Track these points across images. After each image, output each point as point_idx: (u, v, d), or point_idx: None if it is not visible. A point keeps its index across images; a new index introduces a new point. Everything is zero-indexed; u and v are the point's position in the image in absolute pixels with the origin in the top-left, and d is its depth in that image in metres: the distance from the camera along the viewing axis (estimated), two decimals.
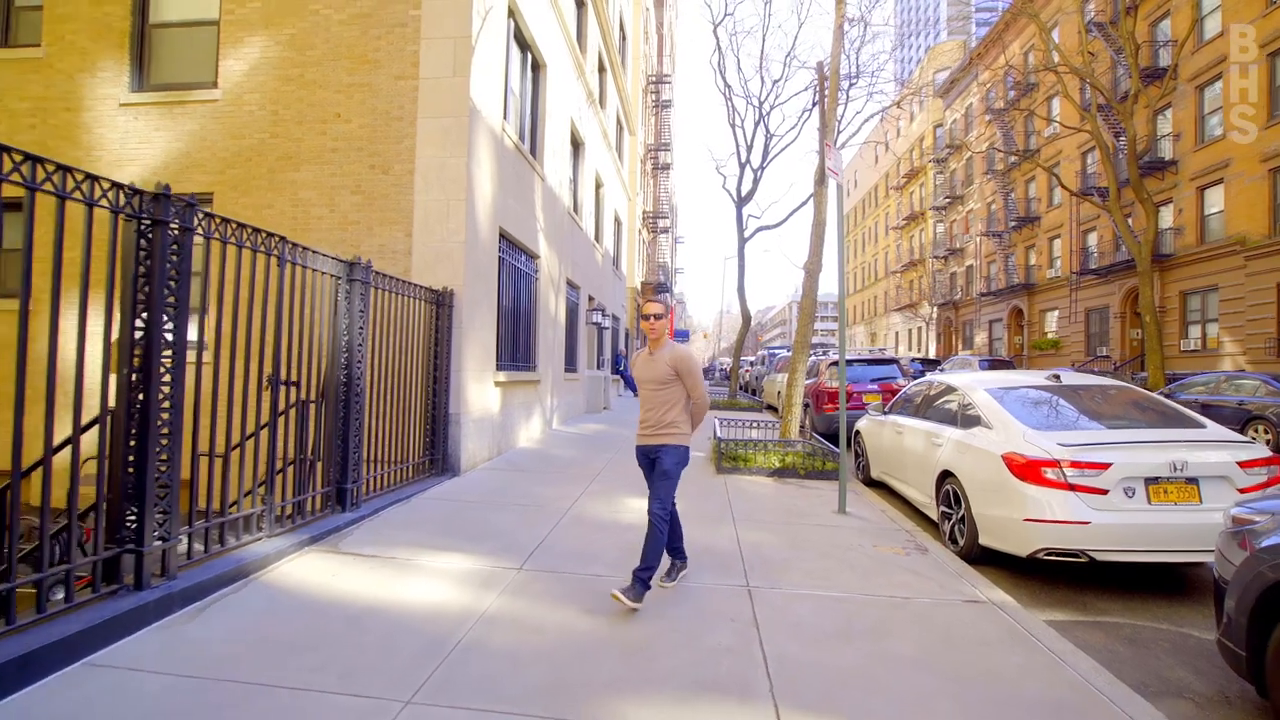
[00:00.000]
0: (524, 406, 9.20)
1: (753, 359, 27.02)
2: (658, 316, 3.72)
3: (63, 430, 3.41)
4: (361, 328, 4.94)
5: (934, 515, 5.20)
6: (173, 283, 3.25)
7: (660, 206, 30.53)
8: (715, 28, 15.34)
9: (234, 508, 3.92)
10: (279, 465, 4.29)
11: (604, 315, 15.09)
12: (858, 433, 7.62)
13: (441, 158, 6.90)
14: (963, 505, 4.59)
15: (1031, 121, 28.44)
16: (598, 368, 16.05)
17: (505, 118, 8.23)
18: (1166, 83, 19.91)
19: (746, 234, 17.66)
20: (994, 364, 20.40)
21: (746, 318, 17.96)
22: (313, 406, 4.68)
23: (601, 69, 15.96)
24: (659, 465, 3.60)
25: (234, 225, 3.67)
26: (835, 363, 11.03)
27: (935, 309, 40.63)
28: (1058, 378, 5.10)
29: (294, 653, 2.82)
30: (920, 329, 43.40)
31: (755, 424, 9.78)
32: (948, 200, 39.39)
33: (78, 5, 7.77)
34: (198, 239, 3.47)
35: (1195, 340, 20.09)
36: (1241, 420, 10.30)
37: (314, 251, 4.43)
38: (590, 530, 4.92)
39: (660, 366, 3.62)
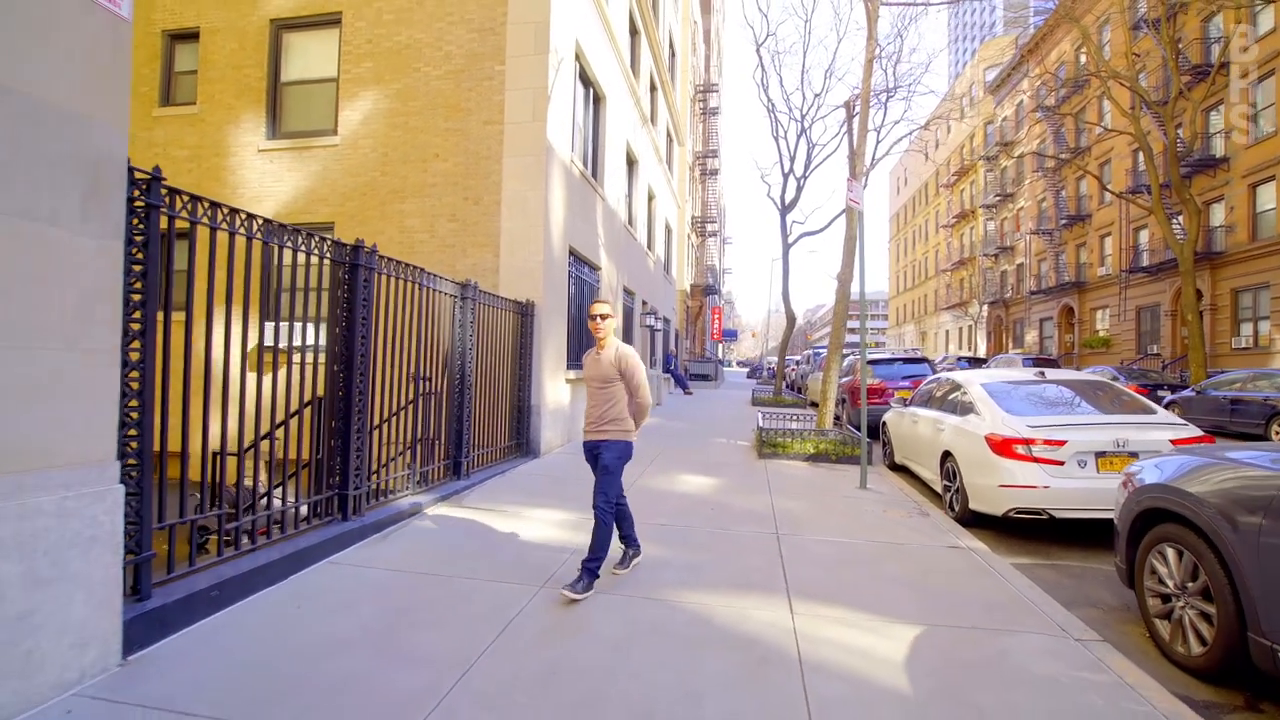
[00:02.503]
0: None
1: (799, 358, 27.82)
2: (604, 317, 3.82)
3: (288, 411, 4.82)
4: (470, 335, 6.29)
5: (939, 489, 6.22)
6: (364, 305, 4.61)
7: (708, 211, 31.58)
8: (758, 47, 16.31)
9: (384, 470, 5.29)
10: (414, 441, 5.67)
11: (656, 318, 16.30)
12: (884, 424, 8.61)
13: (523, 190, 8.24)
14: (958, 478, 5.61)
15: (1082, 118, 28.26)
16: (651, 367, 17.28)
17: (573, 150, 9.53)
18: (1216, 79, 19.82)
19: (790, 239, 18.59)
20: (1038, 362, 20.68)
21: (791, 319, 18.86)
22: (434, 398, 6.05)
23: (653, 88, 17.18)
24: (600, 460, 3.77)
25: (397, 263, 5.04)
26: (869, 362, 11.96)
27: (985, 307, 40.35)
28: (1043, 374, 6.05)
29: (455, 561, 4.12)
30: (970, 327, 43.10)
31: (795, 416, 10.84)
32: (998, 198, 39.09)
33: (225, 69, 9.45)
34: (376, 275, 4.82)
35: (1247, 338, 19.94)
36: (1266, 416, 10.71)
37: (439, 277, 5.80)
38: (653, 496, 6.13)
39: (604, 365, 3.78)
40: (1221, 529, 2.88)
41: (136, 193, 2.86)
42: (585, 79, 10.48)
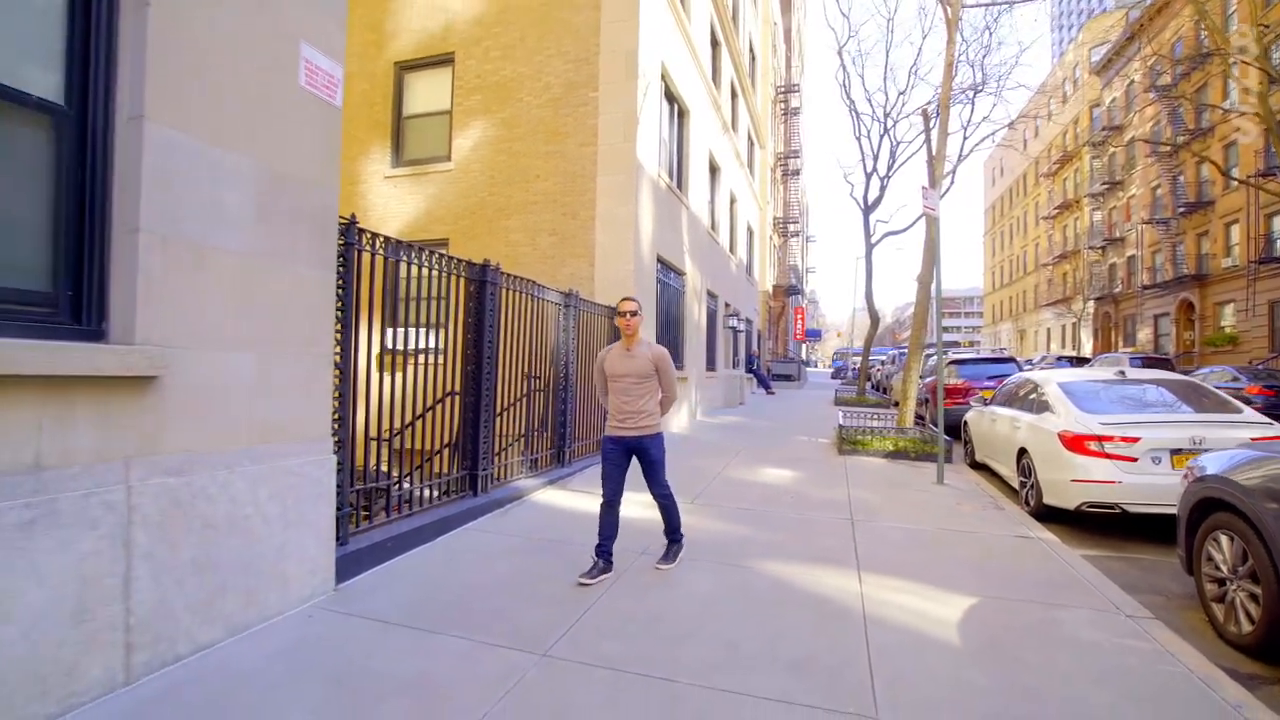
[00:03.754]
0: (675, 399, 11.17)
1: (885, 357, 27.35)
2: (633, 314, 4.02)
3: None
4: (573, 338, 7.09)
5: (1016, 486, 6.43)
6: (490, 314, 5.47)
7: (790, 211, 31.54)
8: (840, 49, 16.42)
9: (503, 455, 6.14)
10: (526, 431, 6.51)
11: (739, 319, 16.76)
12: (965, 423, 8.76)
13: (614, 206, 9.01)
14: (1033, 474, 5.84)
15: (1202, 97, 26.13)
16: (733, 367, 17.75)
17: (659, 164, 10.23)
18: None
19: (874, 239, 18.51)
20: (1149, 362, 19.49)
21: (875, 319, 18.78)
22: (542, 393, 6.88)
23: (734, 95, 17.64)
24: (648, 456, 4.03)
25: (514, 278, 5.88)
26: (953, 362, 11.97)
27: (1091, 303, 37.86)
28: (1123, 374, 6.15)
29: (565, 532, 4.87)
30: (1073, 325, 40.53)
31: (876, 415, 11.08)
32: (1105, 186, 36.61)
33: (358, 108, 10.78)
34: (499, 289, 5.68)
35: None
36: None
37: (547, 288, 6.62)
38: (737, 485, 6.70)
39: (641, 362, 3.99)
40: (1265, 516, 3.16)
41: (341, 235, 3.76)
42: (670, 96, 11.16)
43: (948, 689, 2.65)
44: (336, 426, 3.75)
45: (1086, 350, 37.33)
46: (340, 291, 3.76)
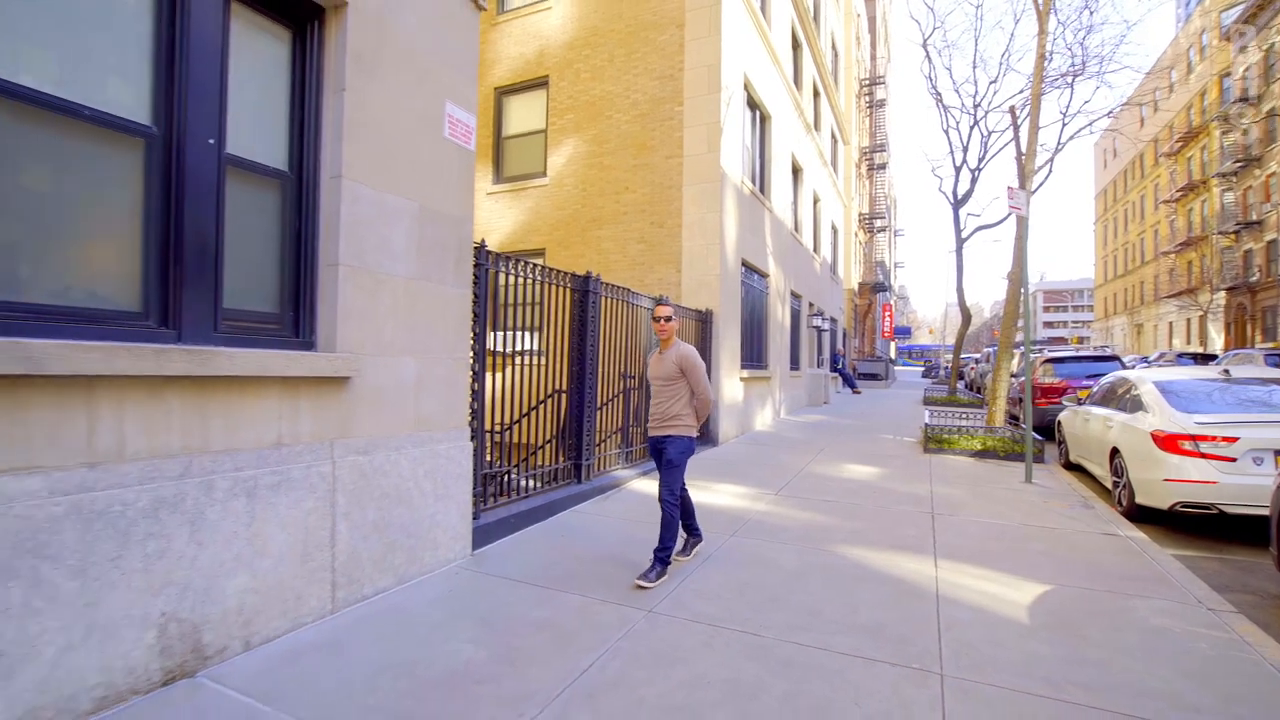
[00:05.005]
0: (759, 398, 11.51)
1: (978, 355, 26.23)
2: (667, 319, 4.08)
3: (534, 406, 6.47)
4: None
5: (1109, 485, 6.38)
6: (592, 320, 6.09)
7: (876, 206, 30.82)
8: (925, 42, 16.07)
9: (601, 447, 6.76)
10: (622, 426, 7.11)
11: (823, 319, 16.79)
12: (1059, 422, 8.60)
13: (701, 214, 9.47)
14: (1125, 474, 5.82)
15: None
16: (818, 366, 17.77)
17: (743, 171, 10.60)
18: None
19: (964, 234, 17.96)
20: None
21: (967, 316, 18.18)
22: (635, 391, 7.46)
23: (816, 94, 17.65)
24: (665, 455, 3.99)
25: (611, 286, 6.48)
26: (1050, 360, 11.61)
27: (1222, 294, 34.54)
28: (1227, 373, 5.98)
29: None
30: (1199, 318, 37.07)
31: (966, 415, 10.94)
32: (1239, 164, 33.29)
33: None
34: (599, 297, 6.30)
35: None
36: None
37: (640, 294, 7.19)
38: (820, 480, 7.02)
39: (668, 365, 4.03)
40: None
41: (474, 257, 4.45)
42: (752, 103, 11.49)
43: (1010, 654, 2.97)
44: (472, 418, 4.46)
45: (1215, 346, 34.13)
46: (474, 304, 4.46)
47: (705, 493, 6.29)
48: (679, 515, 4.00)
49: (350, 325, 3.35)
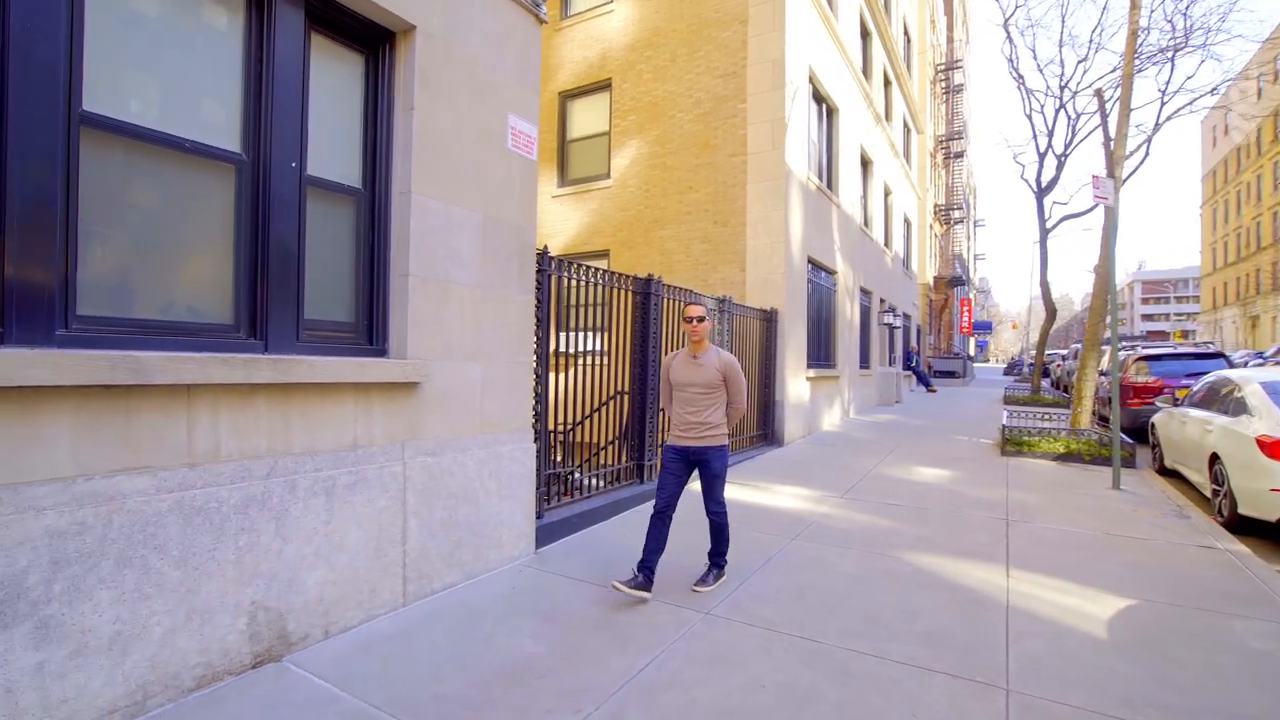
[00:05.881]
0: (826, 397, 11.27)
1: (1065, 352, 24.65)
2: (700, 319, 3.74)
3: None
4: (727, 340, 7.60)
5: (1209, 494, 5.90)
6: (654, 321, 6.15)
7: (953, 196, 29.46)
8: (1005, 22, 15.21)
9: (663, 448, 6.80)
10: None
11: (894, 315, 16.23)
12: (1152, 425, 8.00)
13: (765, 212, 9.36)
14: (1226, 481, 5.37)
15: None
16: (889, 364, 17.21)
17: (809, 166, 10.39)
18: None
19: (1049, 224, 16.91)
20: None
21: (1051, 311, 17.14)
22: None
23: (887, 83, 17.05)
24: (710, 469, 3.77)
25: (672, 288, 6.52)
26: (1145, 357, 10.80)
27: None
28: None
29: None
30: None
31: (1049, 416, 10.35)
32: None
33: None
34: (661, 299, 6.35)
35: None
36: None
37: (703, 295, 7.18)
38: (887, 483, 6.81)
39: (708, 371, 3.72)
40: None
41: (536, 263, 4.59)
42: (818, 97, 11.24)
43: (1084, 671, 2.82)
44: (535, 420, 4.60)
45: None
46: (537, 310, 4.60)
47: (767, 494, 6.23)
48: (728, 523, 3.91)
49: (419, 332, 3.53)
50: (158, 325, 2.65)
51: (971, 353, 43.81)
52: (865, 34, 14.62)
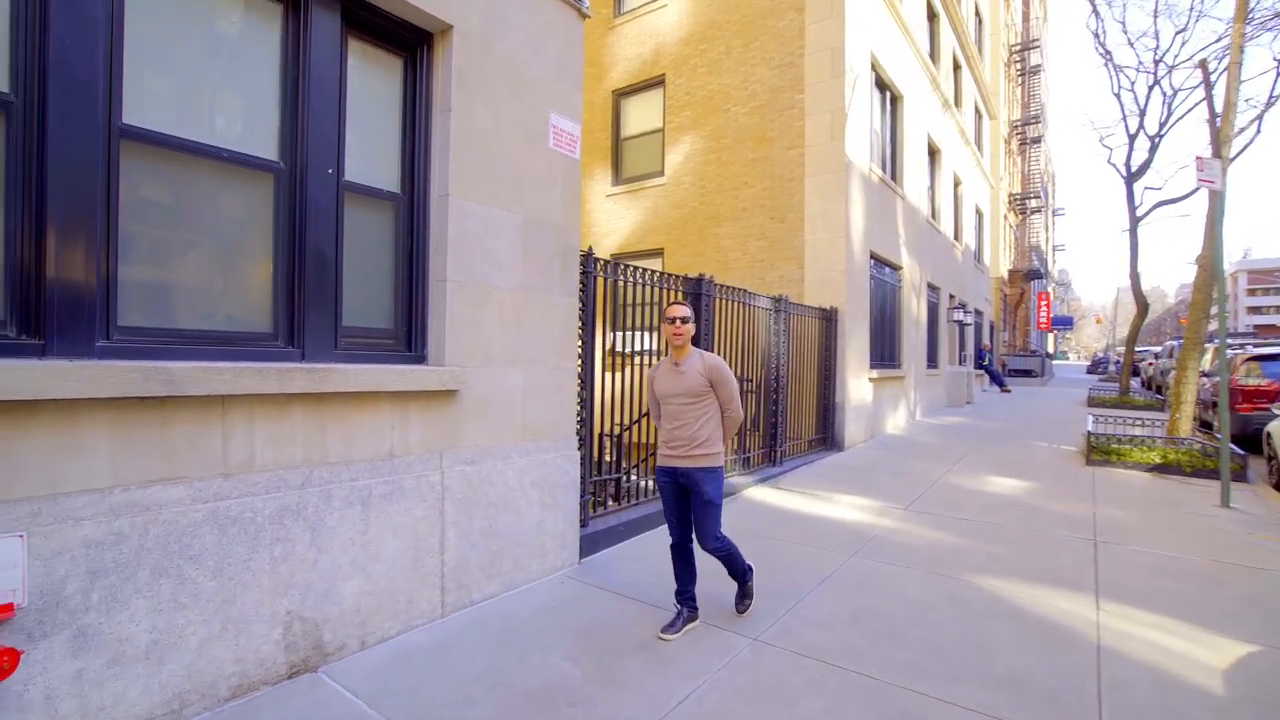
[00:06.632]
0: (891, 399, 10.73)
1: (1158, 349, 22.78)
2: (683, 320, 3.30)
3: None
4: (783, 341, 7.30)
5: None
6: (705, 322, 5.92)
7: (1029, 185, 27.77)
8: None
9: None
10: (739, 431, 6.88)
11: (965, 312, 15.38)
12: (1267, 434, 7.18)
13: (824, 206, 8.96)
14: None
15: None
16: (959, 363, 16.34)
17: (871, 158, 9.90)
18: None
19: (1140, 211, 15.60)
20: None
21: (1143, 305, 15.84)
22: (753, 394, 7.19)
23: (956, 68, 16.16)
24: (701, 494, 3.24)
25: (725, 288, 6.28)
26: (1255, 358, 9.77)
27: None
28: None
29: (776, 528, 5.13)
30: None
31: (1142, 421, 9.51)
32: None
33: (582, 135, 12.03)
34: (713, 298, 6.12)
35: None
36: None
37: (757, 294, 6.91)
38: (956, 493, 6.36)
39: (692, 378, 3.27)
40: None
41: (580, 265, 4.46)
42: (881, 84, 10.70)
43: None
44: (579, 426, 4.47)
45: None
46: (581, 312, 4.47)
47: (824, 503, 5.92)
48: (733, 548, 3.38)
49: (457, 338, 3.45)
50: (197, 334, 2.65)
51: (1050, 350, 41.32)
52: (932, 15, 13.88)
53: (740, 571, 3.48)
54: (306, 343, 2.94)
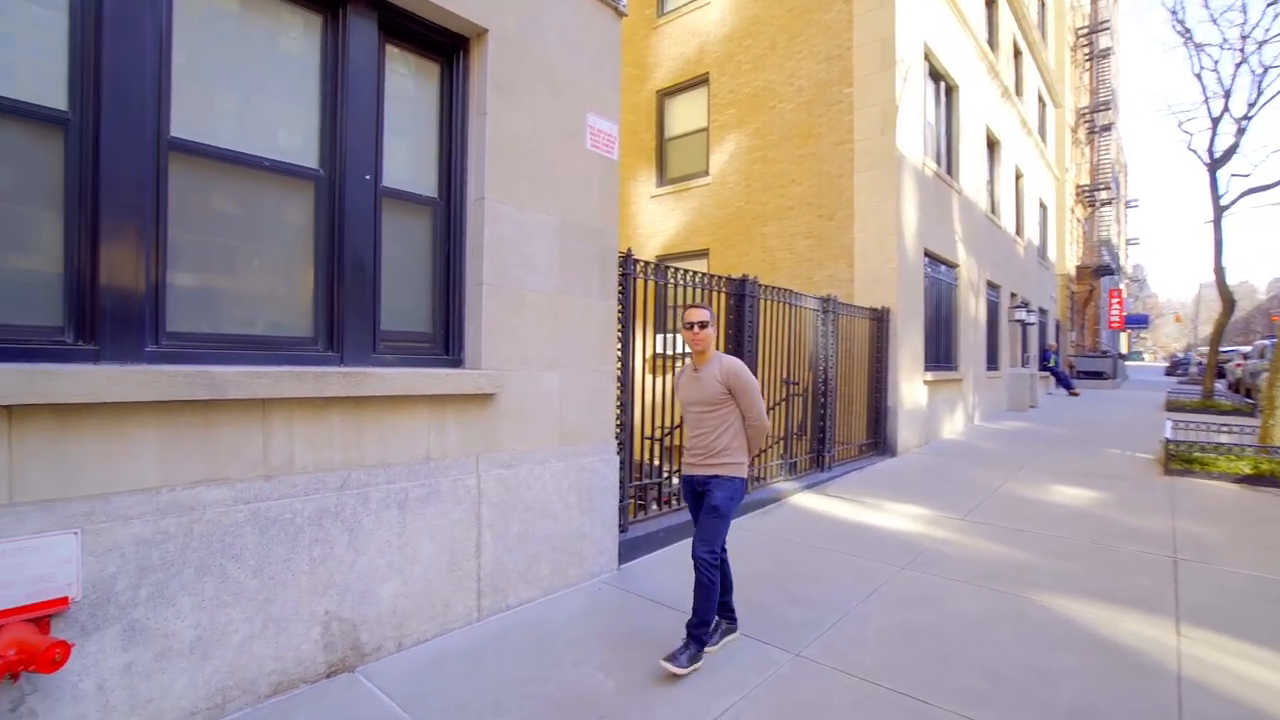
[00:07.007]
0: (947, 402, 10.30)
1: (1247, 349, 21.15)
2: (701, 325, 3.13)
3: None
4: (831, 343, 7.08)
5: None
6: (749, 324, 5.79)
7: (1098, 176, 26.31)
8: None
9: (761, 458, 6.41)
10: (784, 435, 6.70)
11: (1028, 310, 14.65)
12: None
13: (874, 203, 8.67)
14: None
15: None
16: (1022, 365, 15.59)
17: (924, 151, 9.53)
18: None
19: (1225, 200, 14.52)
20: None
21: (1228, 302, 14.72)
22: (799, 398, 6.99)
23: (1016, 54, 15.45)
24: (709, 499, 3.08)
25: (770, 288, 6.13)
26: None
27: None
28: None
29: (823, 537, 4.95)
30: None
31: (1229, 428, 8.82)
32: None
33: (624, 137, 12.01)
34: (756, 300, 5.98)
35: None
36: None
37: (803, 295, 6.73)
38: (1018, 503, 6.01)
39: (709, 385, 3.12)
40: None
41: (619, 266, 4.41)
42: (935, 74, 10.31)
43: None
44: (619, 430, 4.42)
45: None
46: (620, 315, 4.42)
47: (874, 512, 5.69)
48: (718, 580, 2.99)
49: (494, 342, 3.45)
50: (241, 339, 2.72)
51: (1123, 350, 39.04)
52: (990, 1, 13.28)
53: (703, 614, 2.94)
54: (345, 347, 2.98)
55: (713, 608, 2.97)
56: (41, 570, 2.12)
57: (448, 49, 3.43)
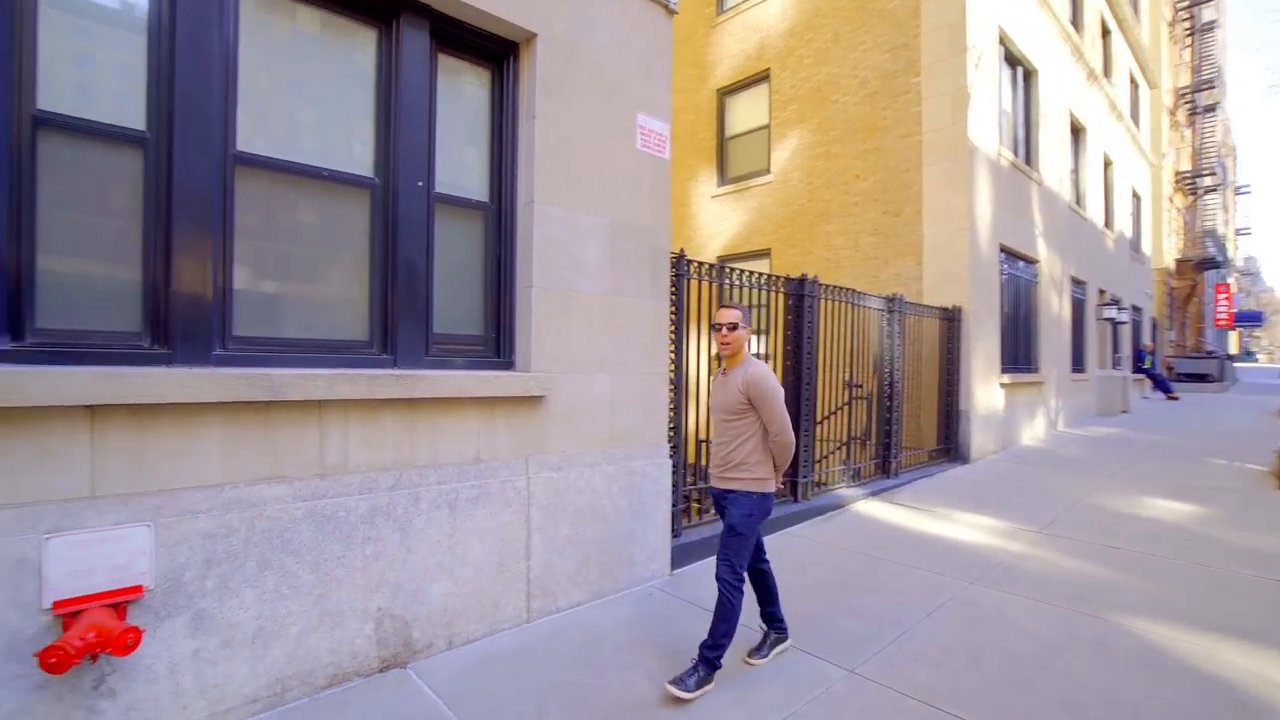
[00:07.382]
0: (1027, 406, 9.70)
1: None
2: (731, 326, 2.96)
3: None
4: (898, 344, 6.78)
5: None
6: (808, 325, 5.62)
7: (1201, 160, 24.22)
8: None
9: (823, 464, 6.20)
10: (848, 440, 6.47)
11: (1118, 308, 13.63)
12: None
13: (944, 196, 8.26)
14: None
15: None
16: (1112, 367, 14.53)
17: (1000, 140, 9.01)
18: None
19: None
20: None
21: None
22: (864, 402, 6.73)
23: (1105, 33, 14.44)
24: (727, 517, 2.95)
25: (831, 288, 5.93)
26: None
27: None
28: None
29: (886, 547, 4.73)
30: None
31: None
32: None
33: (685, 137, 11.93)
34: (816, 300, 5.80)
35: None
36: None
37: (867, 294, 6.48)
38: (1104, 516, 5.57)
39: (730, 392, 2.94)
40: None
41: (672, 267, 4.35)
42: (1010, 59, 9.74)
43: None
44: (672, 433, 4.36)
45: None
46: (673, 316, 4.36)
47: (942, 522, 5.40)
48: (740, 602, 2.83)
49: (544, 344, 3.46)
50: (302, 343, 2.82)
51: (1232, 350, 35.82)
52: None
53: (721, 632, 2.81)
54: (399, 349, 3.05)
55: (730, 631, 2.83)
56: (120, 560, 2.26)
57: (497, 55, 3.48)
